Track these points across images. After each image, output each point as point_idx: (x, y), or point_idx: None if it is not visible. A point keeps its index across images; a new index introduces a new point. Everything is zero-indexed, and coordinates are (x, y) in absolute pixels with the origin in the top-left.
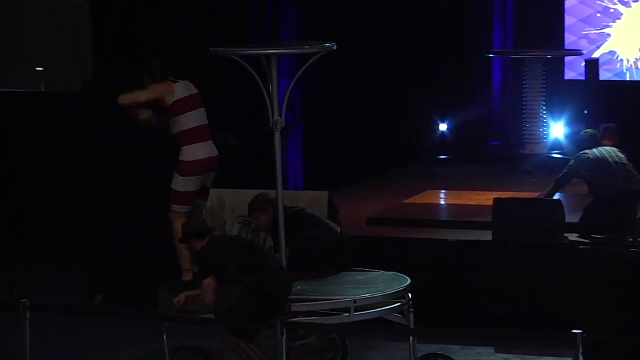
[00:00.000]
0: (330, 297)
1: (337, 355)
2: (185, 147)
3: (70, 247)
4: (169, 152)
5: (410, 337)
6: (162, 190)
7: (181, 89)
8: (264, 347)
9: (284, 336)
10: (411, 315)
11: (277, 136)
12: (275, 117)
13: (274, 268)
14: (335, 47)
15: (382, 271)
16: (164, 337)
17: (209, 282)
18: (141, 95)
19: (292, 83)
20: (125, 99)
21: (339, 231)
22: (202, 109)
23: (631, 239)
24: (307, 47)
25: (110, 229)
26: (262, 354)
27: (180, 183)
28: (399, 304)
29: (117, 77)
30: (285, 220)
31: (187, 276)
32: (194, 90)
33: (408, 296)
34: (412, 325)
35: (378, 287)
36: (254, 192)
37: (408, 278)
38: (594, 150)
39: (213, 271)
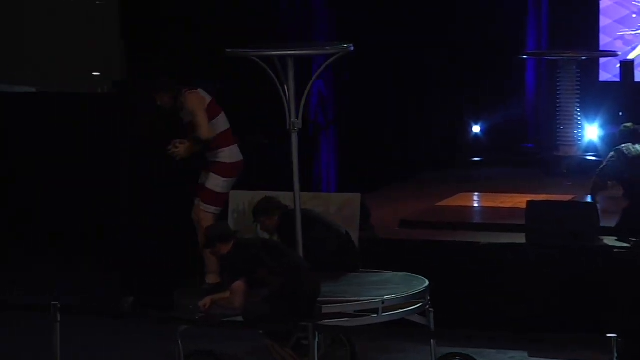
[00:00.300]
0: (359, 298)
1: (346, 352)
2: (224, 149)
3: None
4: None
5: (432, 340)
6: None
7: (205, 93)
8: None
9: (316, 339)
10: (431, 316)
11: (294, 138)
12: (292, 119)
13: (303, 269)
14: (352, 49)
15: (392, 272)
16: (179, 341)
17: (239, 285)
18: (204, 125)
19: (309, 85)
20: (206, 132)
21: (345, 232)
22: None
23: None
24: (327, 48)
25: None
26: (297, 357)
27: (221, 185)
28: (420, 304)
29: (148, 77)
30: (292, 221)
31: (213, 279)
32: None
33: (427, 297)
34: (432, 326)
35: (400, 288)
36: (284, 195)
37: (425, 279)
38: (637, 146)
39: (243, 274)
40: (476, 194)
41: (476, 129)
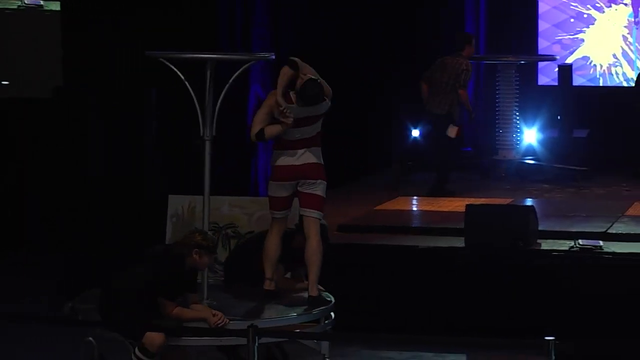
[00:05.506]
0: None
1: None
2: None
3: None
4: None
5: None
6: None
7: None
8: None
9: (256, 343)
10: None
11: (207, 146)
12: (207, 127)
13: None
14: (273, 57)
15: None
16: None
17: None
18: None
19: (223, 92)
20: None
21: None
22: None
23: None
24: (246, 54)
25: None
26: None
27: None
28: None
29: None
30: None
31: (270, 285)
32: None
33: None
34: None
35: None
36: (225, 199)
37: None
38: None
39: None
40: (414, 197)
41: (415, 132)
